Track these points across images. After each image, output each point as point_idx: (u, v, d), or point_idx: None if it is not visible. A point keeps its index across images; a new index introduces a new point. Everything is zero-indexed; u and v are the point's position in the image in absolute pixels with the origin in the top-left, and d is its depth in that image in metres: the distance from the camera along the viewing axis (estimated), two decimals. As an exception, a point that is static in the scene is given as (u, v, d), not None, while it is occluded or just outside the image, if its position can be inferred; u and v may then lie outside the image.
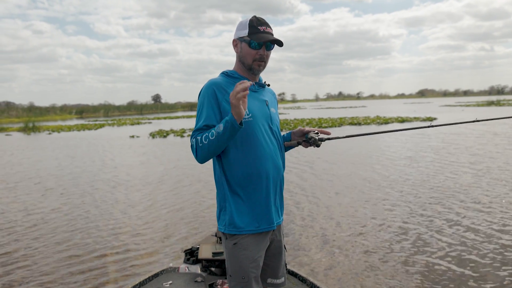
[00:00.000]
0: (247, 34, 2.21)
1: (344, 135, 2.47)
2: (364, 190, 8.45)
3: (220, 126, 2.03)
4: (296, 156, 13.17)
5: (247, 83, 1.97)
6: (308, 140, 2.34)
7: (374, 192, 8.28)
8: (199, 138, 2.09)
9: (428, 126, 2.62)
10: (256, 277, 2.23)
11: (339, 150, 14.72)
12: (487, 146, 14.49)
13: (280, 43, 2.24)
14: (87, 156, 15.76)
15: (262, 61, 2.25)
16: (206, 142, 2.05)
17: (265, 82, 2.40)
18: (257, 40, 2.19)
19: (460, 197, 7.58)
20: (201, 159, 2.12)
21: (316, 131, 2.36)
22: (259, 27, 2.21)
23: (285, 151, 2.46)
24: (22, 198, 8.86)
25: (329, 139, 2.35)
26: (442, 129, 21.32)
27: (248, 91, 1.98)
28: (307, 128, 2.40)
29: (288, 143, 2.46)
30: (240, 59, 2.27)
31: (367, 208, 7.09)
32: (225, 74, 2.30)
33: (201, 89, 2.25)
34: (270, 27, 2.27)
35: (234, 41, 2.28)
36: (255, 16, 2.26)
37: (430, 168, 10.59)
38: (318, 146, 2.30)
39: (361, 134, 2.58)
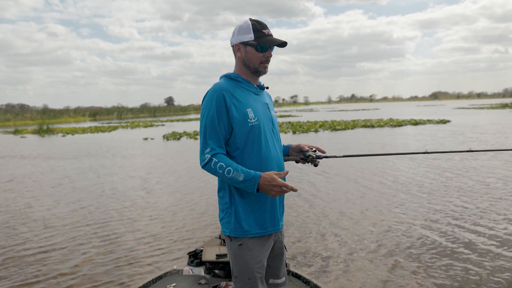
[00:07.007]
0: (253, 39, 2.20)
1: (342, 155, 2.57)
2: (370, 194, 8.33)
3: (241, 176, 2.06)
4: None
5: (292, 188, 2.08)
6: (306, 158, 2.39)
7: (380, 196, 8.15)
8: (213, 160, 2.10)
9: (424, 152, 2.74)
10: (261, 278, 2.23)
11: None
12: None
13: (285, 45, 2.27)
14: (102, 159, 15.84)
15: (267, 63, 2.27)
16: (221, 172, 2.08)
17: (263, 84, 2.39)
18: (266, 44, 2.21)
19: (467, 201, 7.43)
20: (206, 171, 2.15)
21: (314, 149, 2.42)
22: (263, 31, 2.22)
23: None
24: (45, 199, 8.91)
25: (326, 157, 2.43)
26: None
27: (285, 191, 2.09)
28: (306, 147, 2.44)
29: (286, 158, 2.48)
30: (245, 63, 2.26)
31: (373, 213, 6.97)
32: (228, 77, 2.28)
33: (207, 93, 2.22)
34: (269, 28, 2.28)
35: (236, 45, 2.26)
36: (254, 20, 2.26)
37: (439, 169, 10.44)
38: (316, 165, 2.37)
39: (360, 155, 2.70)
